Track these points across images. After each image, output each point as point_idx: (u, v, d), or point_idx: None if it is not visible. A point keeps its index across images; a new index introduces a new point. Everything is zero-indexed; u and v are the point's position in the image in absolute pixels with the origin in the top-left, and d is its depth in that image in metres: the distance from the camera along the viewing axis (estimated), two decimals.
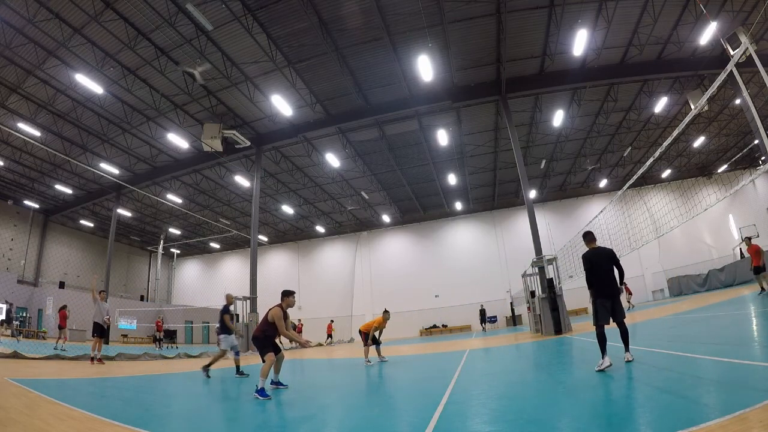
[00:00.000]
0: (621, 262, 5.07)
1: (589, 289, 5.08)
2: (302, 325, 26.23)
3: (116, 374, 8.55)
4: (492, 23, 14.34)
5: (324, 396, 5.70)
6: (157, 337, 21.30)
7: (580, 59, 16.30)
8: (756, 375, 3.57)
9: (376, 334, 9.83)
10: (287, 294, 5.93)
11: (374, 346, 9.92)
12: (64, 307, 14.69)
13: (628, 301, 21.47)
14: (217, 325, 8.54)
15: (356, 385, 6.52)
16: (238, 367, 8.15)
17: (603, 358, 4.69)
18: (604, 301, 4.89)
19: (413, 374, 7.61)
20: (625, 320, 4.93)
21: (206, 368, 7.85)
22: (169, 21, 13.05)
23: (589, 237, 5.31)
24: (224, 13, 12.96)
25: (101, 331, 10.19)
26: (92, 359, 10.11)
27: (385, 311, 10.00)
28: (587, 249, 5.22)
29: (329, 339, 25.34)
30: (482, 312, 25.81)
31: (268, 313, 5.73)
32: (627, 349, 4.87)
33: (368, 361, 9.46)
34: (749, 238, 10.53)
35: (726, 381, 3.62)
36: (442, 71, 16.33)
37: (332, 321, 26.48)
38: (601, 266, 4.97)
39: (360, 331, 9.93)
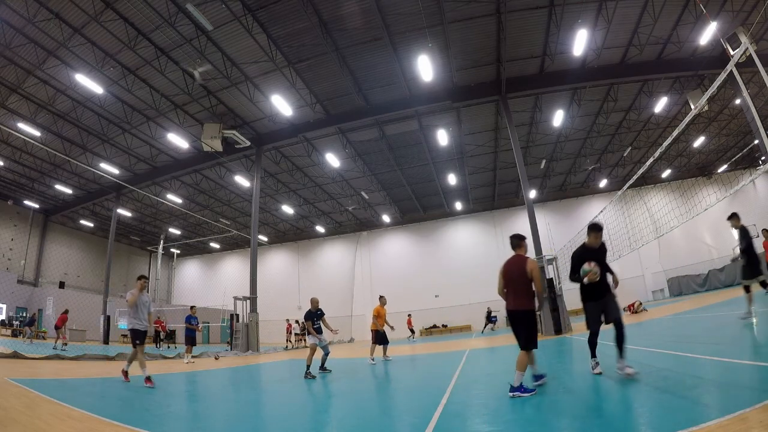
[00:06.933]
0: (614, 261, 4.71)
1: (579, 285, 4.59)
2: (299, 324, 25.66)
3: (116, 374, 8.55)
4: (492, 23, 14.33)
5: (324, 395, 5.70)
6: (161, 337, 21.49)
7: (580, 59, 16.29)
8: (756, 375, 3.57)
9: (387, 326, 10.04)
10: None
11: (381, 345, 10.04)
12: (66, 312, 15.55)
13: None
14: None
15: (356, 385, 6.52)
16: (323, 363, 8.20)
17: (594, 360, 4.58)
18: (592, 304, 4.50)
19: (413, 374, 7.61)
20: (622, 319, 4.31)
21: (308, 371, 7.40)
22: (169, 21, 13.04)
23: (596, 229, 4.52)
24: (224, 13, 12.96)
25: (140, 337, 6.77)
26: (148, 378, 6.55)
27: (381, 297, 10.42)
28: (583, 243, 4.66)
29: (412, 335, 25.03)
30: (489, 313, 25.71)
31: (526, 265, 4.23)
32: (621, 354, 4.15)
33: (372, 361, 9.49)
34: (766, 230, 10.25)
35: (726, 381, 3.62)
36: (442, 71, 16.32)
37: (410, 315, 25.86)
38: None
39: (372, 331, 10.08)
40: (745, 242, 7.09)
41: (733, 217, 7.27)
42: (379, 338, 9.99)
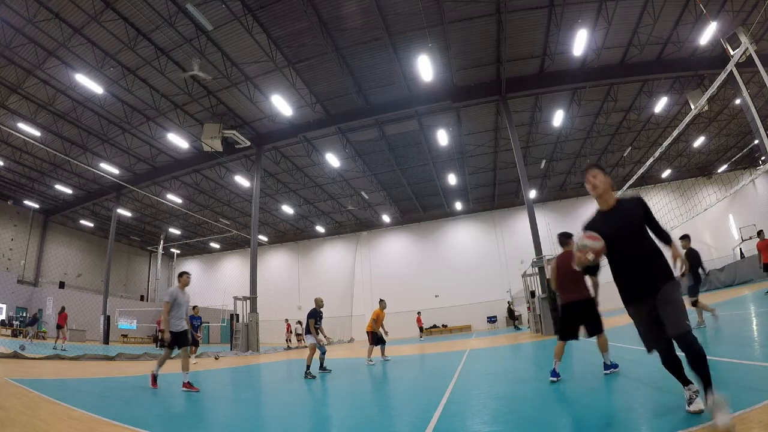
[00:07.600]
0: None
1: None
2: (301, 324, 25.58)
3: (116, 374, 8.55)
4: (492, 23, 14.34)
5: (325, 395, 5.70)
6: (160, 337, 21.55)
7: (580, 59, 16.29)
8: (756, 375, 3.57)
9: (382, 331, 10.02)
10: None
11: (378, 345, 10.04)
12: (63, 309, 15.81)
13: None
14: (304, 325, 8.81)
15: (357, 385, 6.52)
16: (321, 362, 8.30)
17: (696, 393, 2.61)
18: (633, 306, 2.67)
19: (413, 374, 7.61)
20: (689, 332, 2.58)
21: (308, 371, 7.38)
22: (169, 21, 13.04)
23: (589, 167, 2.81)
24: (224, 13, 12.96)
25: (179, 338, 6.25)
26: (155, 378, 6.40)
27: (381, 300, 10.39)
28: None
29: (421, 333, 25.00)
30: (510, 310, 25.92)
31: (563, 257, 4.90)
32: (707, 386, 2.35)
33: (370, 362, 9.48)
34: (761, 232, 10.26)
35: (726, 381, 3.61)
36: (442, 71, 16.32)
37: (419, 313, 25.98)
38: (621, 237, 2.60)
39: (367, 332, 10.07)
40: (688, 264, 7.37)
41: (684, 239, 7.68)
42: (376, 339, 10.04)
